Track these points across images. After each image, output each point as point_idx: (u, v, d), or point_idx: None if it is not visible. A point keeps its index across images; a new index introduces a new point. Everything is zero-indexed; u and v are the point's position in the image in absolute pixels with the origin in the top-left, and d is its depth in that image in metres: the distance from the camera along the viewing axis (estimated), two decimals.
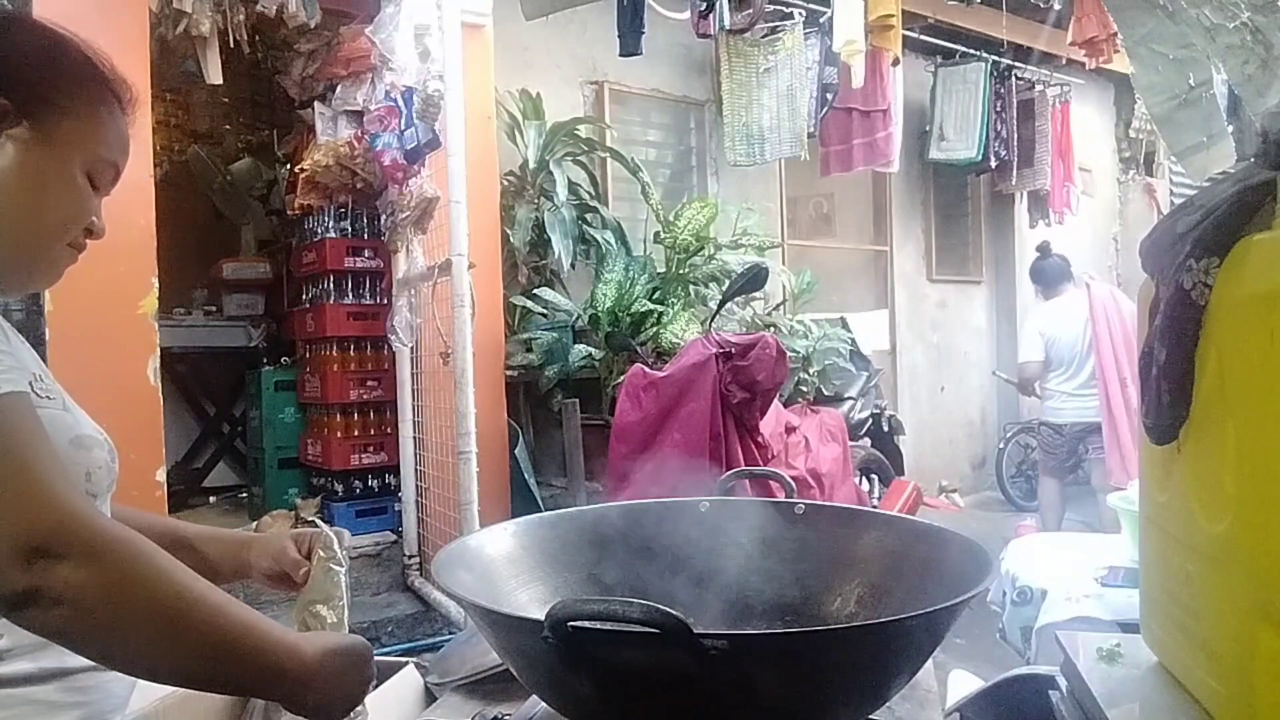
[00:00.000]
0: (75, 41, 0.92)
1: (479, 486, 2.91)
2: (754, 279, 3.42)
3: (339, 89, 3.81)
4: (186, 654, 0.75)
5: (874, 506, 4.11)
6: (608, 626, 0.70)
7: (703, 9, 4.44)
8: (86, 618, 0.70)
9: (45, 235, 0.90)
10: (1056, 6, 5.73)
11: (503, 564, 1.09)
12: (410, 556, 3.81)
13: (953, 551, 1.01)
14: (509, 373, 3.91)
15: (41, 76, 0.87)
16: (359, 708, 0.90)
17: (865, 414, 4.71)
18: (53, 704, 0.89)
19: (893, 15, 4.53)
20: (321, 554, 1.02)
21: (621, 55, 4.27)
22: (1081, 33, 5.14)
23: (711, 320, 3.64)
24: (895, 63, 4.96)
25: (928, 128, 6.20)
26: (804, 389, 4.31)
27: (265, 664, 0.77)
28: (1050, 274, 5.08)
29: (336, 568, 1.01)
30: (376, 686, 1.37)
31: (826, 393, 4.48)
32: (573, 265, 4.16)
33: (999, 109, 6.11)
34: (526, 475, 3.76)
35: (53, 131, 0.87)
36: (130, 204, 2.89)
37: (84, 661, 0.90)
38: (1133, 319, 4.84)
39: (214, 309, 5.44)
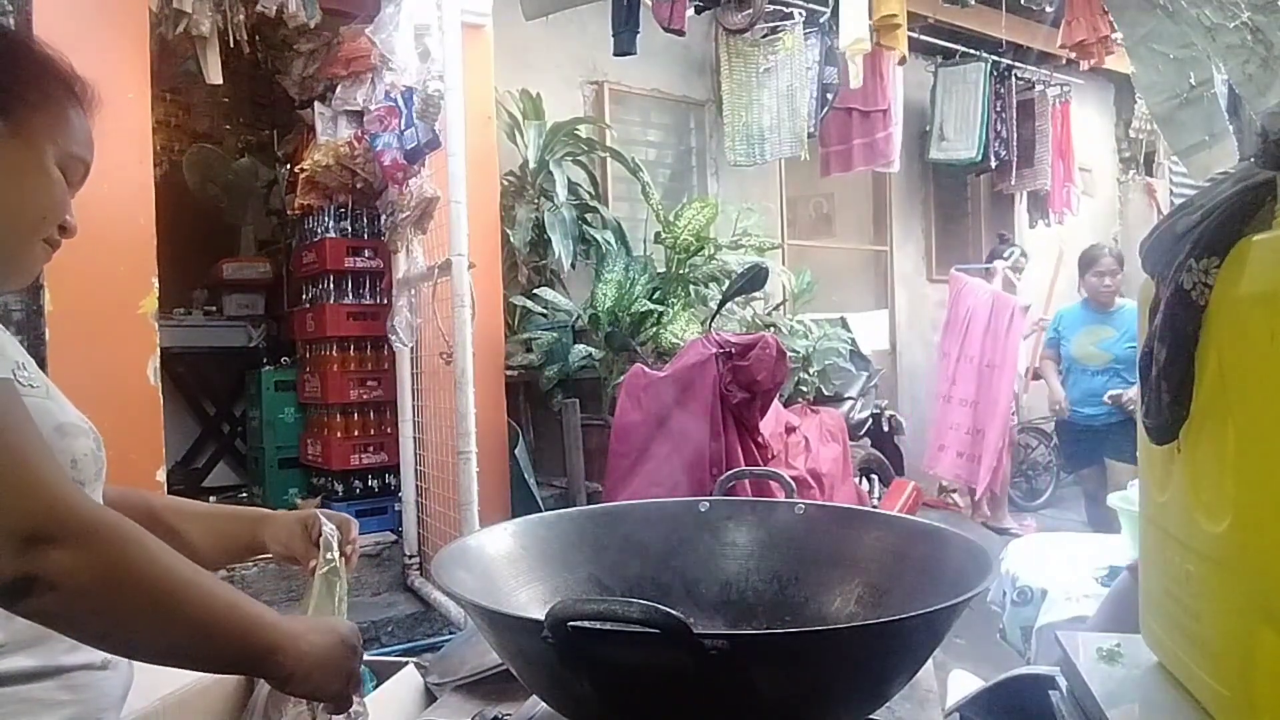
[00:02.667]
0: (34, 41, 0.93)
1: (479, 486, 2.91)
2: (754, 279, 3.43)
3: (339, 89, 3.81)
4: (176, 633, 0.76)
5: (874, 506, 4.11)
6: (607, 626, 0.70)
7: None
8: (80, 602, 0.71)
9: (24, 228, 0.90)
10: (1049, 8, 5.73)
11: (503, 564, 1.09)
12: (410, 556, 3.81)
13: (953, 551, 1.01)
14: (509, 373, 3.91)
15: (7, 73, 0.88)
16: (359, 708, 0.89)
17: (865, 414, 4.71)
18: (46, 701, 0.89)
19: (897, 15, 4.53)
20: (326, 560, 1.01)
21: (616, 54, 4.27)
22: (1071, 36, 5.15)
23: (711, 320, 3.64)
24: (902, 61, 4.97)
25: (928, 128, 6.20)
26: (804, 389, 4.32)
27: (251, 641, 0.79)
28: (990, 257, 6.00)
29: (334, 579, 1.01)
30: (377, 686, 1.38)
31: (826, 393, 4.48)
32: (573, 265, 4.16)
33: (999, 109, 6.11)
34: (526, 475, 3.76)
35: (23, 125, 0.87)
36: (130, 204, 2.89)
37: (78, 659, 0.90)
38: (1003, 306, 5.36)
39: (214, 309, 5.43)
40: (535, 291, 4.13)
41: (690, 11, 4.37)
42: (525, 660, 0.85)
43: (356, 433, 4.19)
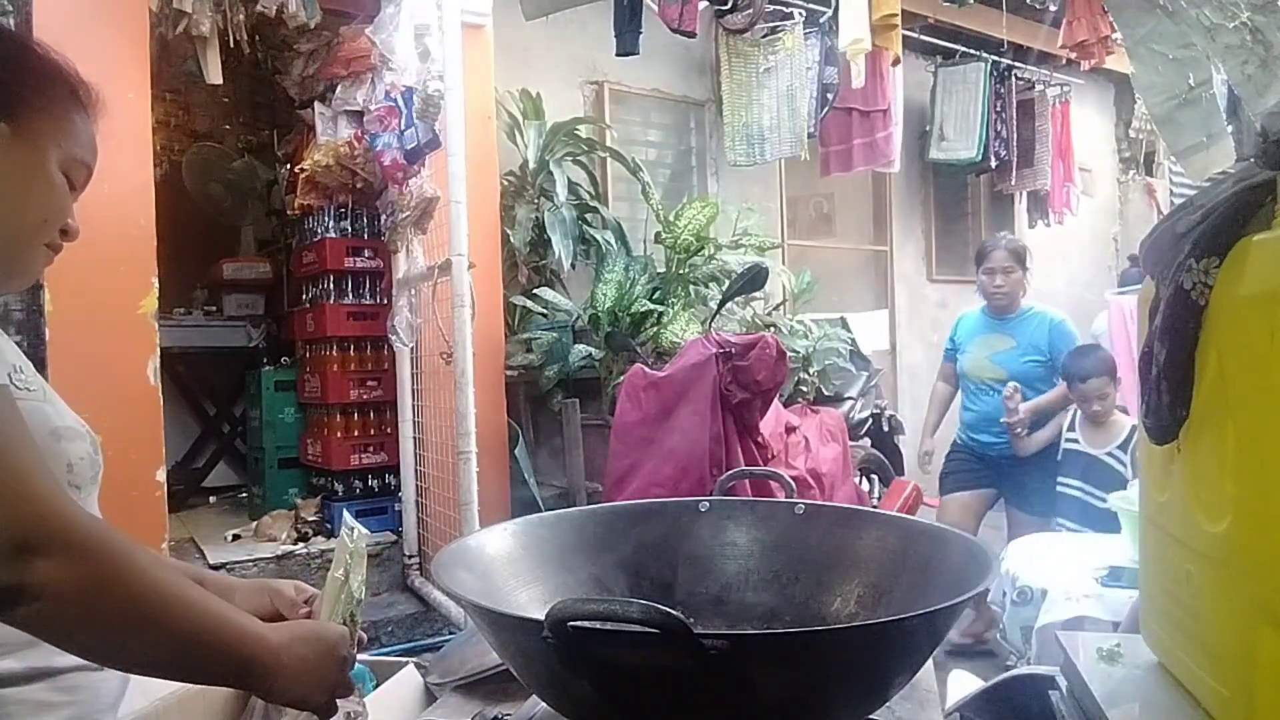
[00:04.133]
0: (40, 45, 0.93)
1: (479, 486, 2.91)
2: (754, 279, 3.42)
3: (339, 89, 3.81)
4: (160, 647, 0.76)
5: (874, 506, 4.11)
6: (607, 626, 0.70)
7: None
8: (66, 613, 0.71)
9: (28, 232, 0.90)
10: (1053, 7, 5.73)
11: (503, 564, 1.09)
12: (410, 556, 3.81)
13: (953, 551, 1.01)
14: (509, 373, 3.91)
15: (14, 76, 0.88)
16: (358, 708, 0.89)
17: (865, 414, 4.71)
18: (42, 703, 0.89)
19: (895, 15, 4.53)
20: (344, 567, 0.99)
21: (618, 55, 4.27)
22: (1072, 36, 5.15)
23: (711, 320, 3.64)
24: (896, 62, 4.97)
25: (928, 128, 6.19)
26: (804, 389, 4.31)
27: (235, 655, 0.78)
28: (1127, 280, 5.62)
29: (342, 581, 0.99)
30: (377, 686, 1.38)
31: (826, 393, 4.47)
32: (573, 265, 4.16)
33: (999, 109, 6.11)
34: (526, 475, 3.76)
35: (29, 129, 0.88)
36: (130, 204, 2.89)
37: (73, 661, 0.90)
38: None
39: (214, 309, 5.44)
40: (535, 291, 4.13)
41: (704, 4, 4.32)
42: (525, 660, 0.85)
43: (356, 433, 4.19)
